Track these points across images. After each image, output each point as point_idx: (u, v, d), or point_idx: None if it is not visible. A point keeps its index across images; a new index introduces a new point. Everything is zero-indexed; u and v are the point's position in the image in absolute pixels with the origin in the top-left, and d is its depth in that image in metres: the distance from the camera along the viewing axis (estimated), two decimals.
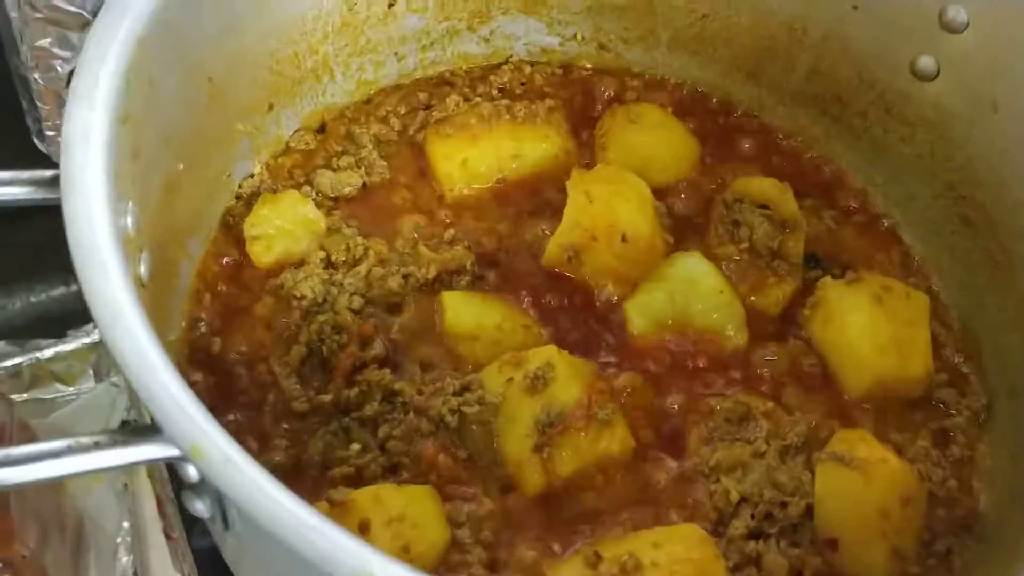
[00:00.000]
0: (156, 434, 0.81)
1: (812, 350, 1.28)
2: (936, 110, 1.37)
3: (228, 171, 1.32)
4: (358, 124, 1.44)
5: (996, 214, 1.32)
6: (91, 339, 1.41)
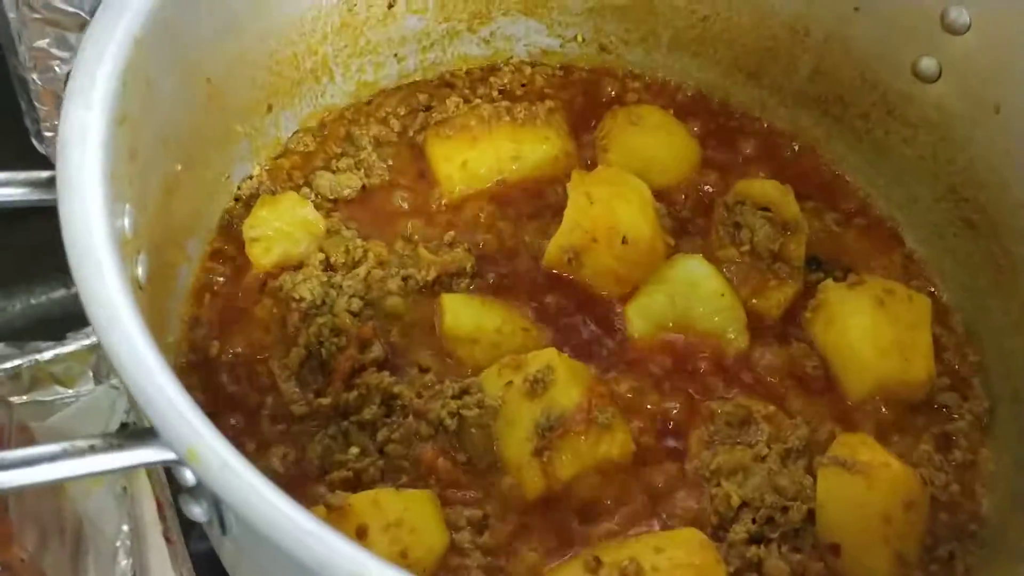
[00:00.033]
0: (153, 438, 0.81)
1: (813, 353, 1.28)
2: (938, 111, 1.36)
3: (227, 172, 1.32)
4: (358, 125, 1.44)
5: (998, 216, 1.32)
6: (90, 341, 1.41)
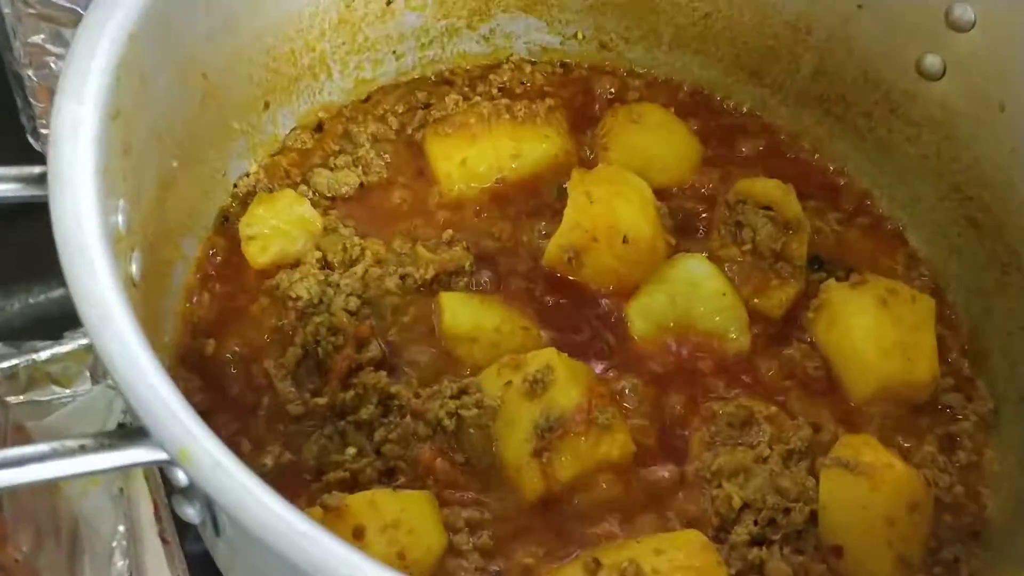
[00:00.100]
0: (145, 438, 0.80)
1: (816, 353, 1.27)
2: (942, 110, 1.35)
3: (223, 170, 1.31)
4: (356, 123, 1.43)
5: (1003, 215, 1.31)
6: (87, 341, 1.40)
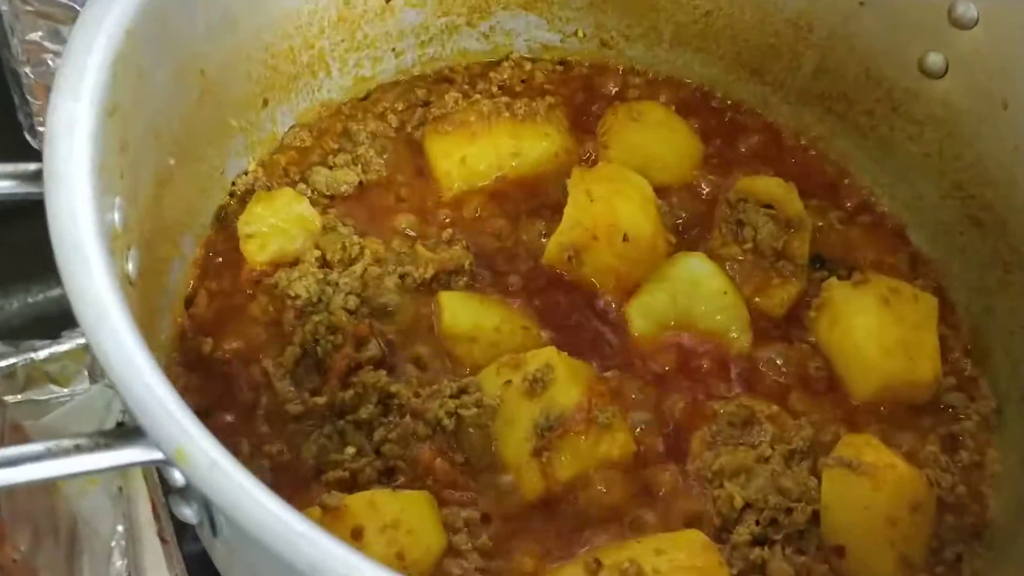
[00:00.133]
0: (141, 437, 0.80)
1: (818, 353, 1.27)
2: (945, 108, 1.35)
3: (221, 167, 1.30)
4: (355, 121, 1.42)
5: (1006, 213, 1.30)
6: (85, 340, 1.39)
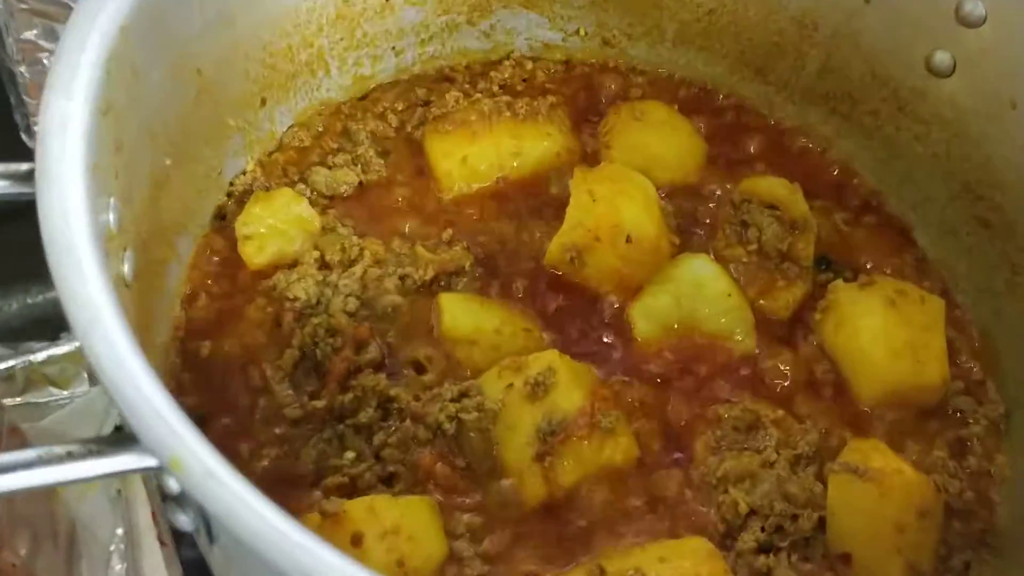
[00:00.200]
0: (135, 444, 0.79)
1: (823, 356, 1.26)
2: (952, 107, 1.34)
3: (219, 168, 1.29)
4: (354, 120, 1.42)
5: (1015, 215, 1.29)
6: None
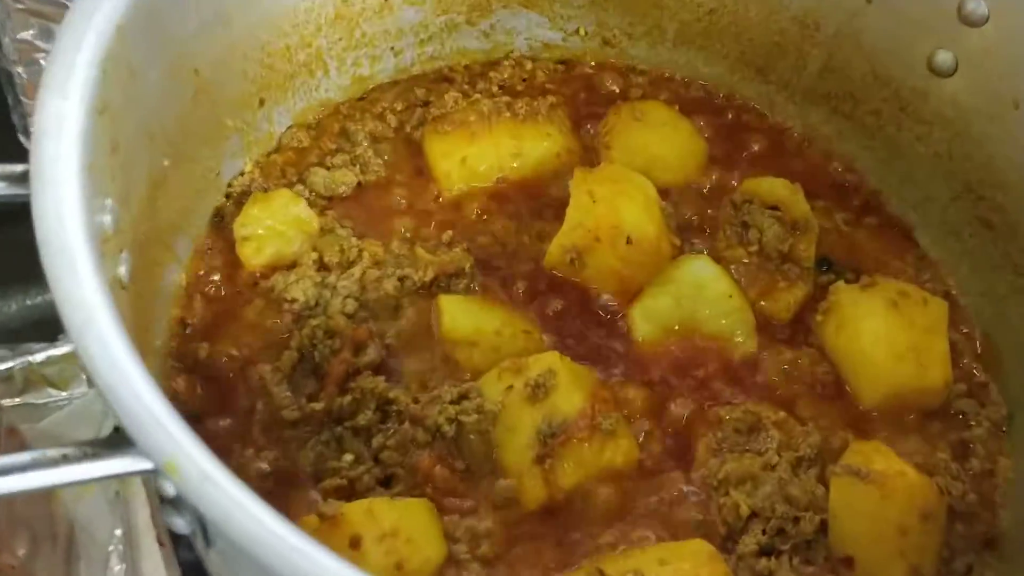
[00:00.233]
0: (131, 447, 0.78)
1: (825, 357, 1.26)
2: (954, 107, 1.34)
3: (217, 168, 1.29)
4: (353, 121, 1.42)
5: (1018, 216, 1.29)
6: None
